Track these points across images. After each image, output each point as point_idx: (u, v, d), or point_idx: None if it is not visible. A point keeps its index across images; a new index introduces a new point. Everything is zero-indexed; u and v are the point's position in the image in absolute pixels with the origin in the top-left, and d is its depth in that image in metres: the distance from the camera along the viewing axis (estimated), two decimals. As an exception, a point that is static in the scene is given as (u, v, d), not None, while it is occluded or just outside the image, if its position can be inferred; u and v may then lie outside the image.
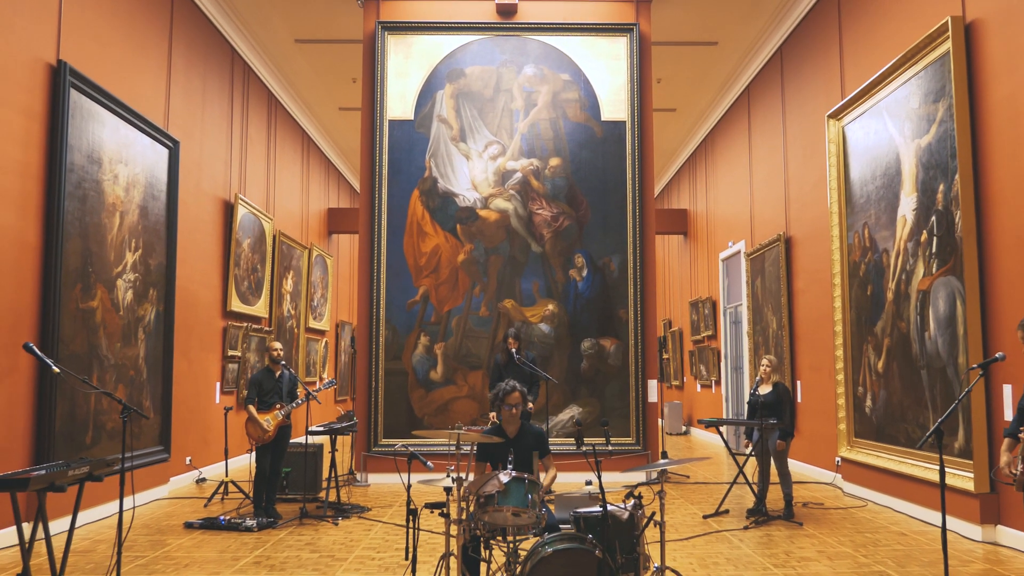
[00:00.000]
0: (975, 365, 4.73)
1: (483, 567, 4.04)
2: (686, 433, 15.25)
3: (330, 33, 10.68)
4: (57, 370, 3.67)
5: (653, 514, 3.84)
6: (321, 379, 14.88)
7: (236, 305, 10.27)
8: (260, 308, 11.22)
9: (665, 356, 17.34)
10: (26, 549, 3.30)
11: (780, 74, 10.07)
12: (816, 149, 8.81)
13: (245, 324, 10.59)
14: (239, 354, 10.39)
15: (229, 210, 10.19)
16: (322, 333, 14.91)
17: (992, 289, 5.69)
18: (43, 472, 3.16)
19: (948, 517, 6.05)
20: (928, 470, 6.27)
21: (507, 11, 9.46)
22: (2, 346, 5.78)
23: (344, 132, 14.69)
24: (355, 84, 12.08)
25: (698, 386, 14.48)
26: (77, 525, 3.44)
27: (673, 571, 4.04)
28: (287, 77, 12.11)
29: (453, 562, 3.94)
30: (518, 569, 3.67)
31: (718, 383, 12.97)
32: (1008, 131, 5.52)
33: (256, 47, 10.89)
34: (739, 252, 11.82)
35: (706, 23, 10.28)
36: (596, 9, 9.53)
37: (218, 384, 9.89)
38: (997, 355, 3.86)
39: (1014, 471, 3.62)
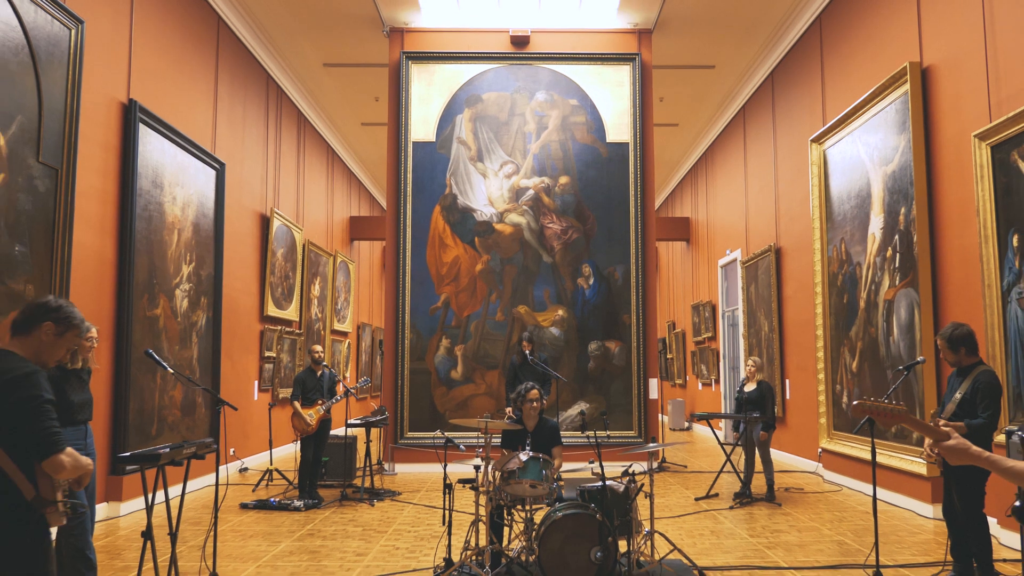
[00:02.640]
0: (900, 367, 5.58)
1: (506, 531, 4.94)
2: (688, 428, 16.12)
3: (355, 57, 11.59)
4: (172, 371, 4.58)
5: (642, 485, 4.73)
6: (344, 378, 15.83)
7: (271, 310, 11.21)
8: (292, 312, 12.16)
9: (669, 356, 18.21)
10: (149, 508, 4.20)
11: (771, 98, 10.93)
12: (802, 168, 9.67)
13: (279, 327, 11.53)
14: (274, 355, 11.33)
15: (265, 223, 11.13)
16: (345, 334, 15.85)
17: (943, 300, 6.55)
18: (167, 450, 4.07)
19: (905, 498, 6.94)
20: (892, 458, 7.13)
21: (520, 42, 10.36)
22: (88, 349, 6.69)
23: (366, 145, 15.64)
24: (377, 102, 13.02)
25: (699, 384, 15.34)
26: (153, 503, 4.27)
27: (660, 534, 4.92)
28: (315, 97, 13.04)
29: (482, 527, 4.85)
30: (535, 532, 4.57)
31: (717, 381, 13.84)
32: (955, 165, 6.38)
33: (288, 71, 11.83)
34: (735, 260, 12.69)
35: (704, 49, 11.13)
36: (602, 40, 10.42)
37: (256, 383, 10.82)
38: (919, 359, 4.73)
39: (933, 452, 4.47)
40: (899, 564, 5.10)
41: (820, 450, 8.96)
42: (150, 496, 4.20)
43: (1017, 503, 2.24)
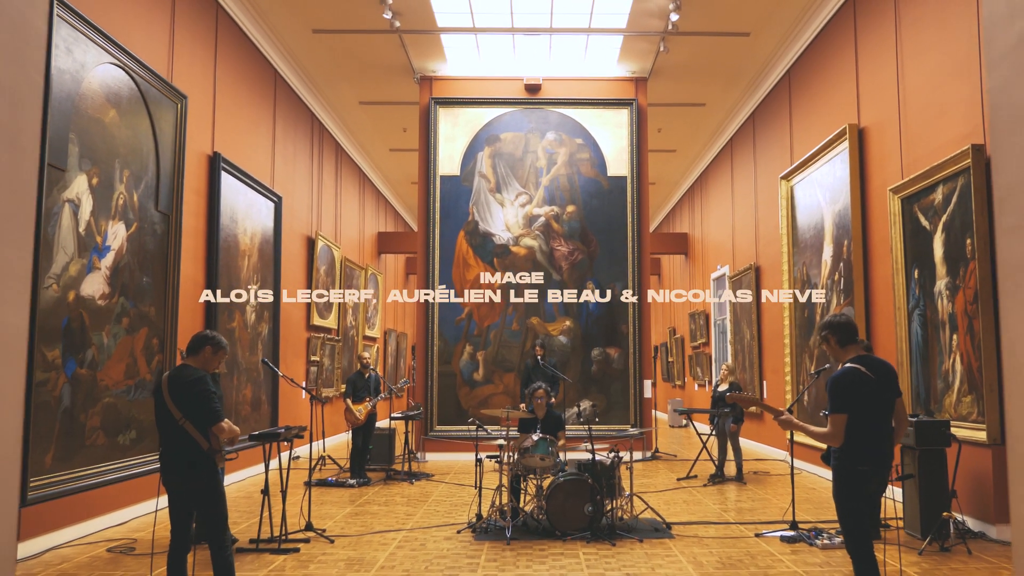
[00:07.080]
0: (812, 371, 7.16)
1: (521, 494, 6.57)
2: (686, 426, 17.68)
3: (387, 96, 13.26)
4: (281, 374, 6.24)
5: (623, 456, 6.35)
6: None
7: (316, 320, 12.90)
8: (331, 321, 13.84)
9: (670, 359, 19.79)
10: (267, 471, 5.86)
11: (753, 135, 12.51)
12: (776, 199, 11.23)
13: (321, 335, 13.21)
14: (318, 359, 13.01)
15: (311, 245, 12.82)
16: (374, 340, 17.54)
17: (872, 318, 8.12)
18: (282, 431, 5.74)
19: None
20: (838, 446, 8.69)
21: (533, 89, 12.01)
22: (187, 356, 8.37)
23: (393, 168, 17.35)
24: (405, 132, 14.70)
25: (695, 385, 16.92)
26: (268, 468, 5.94)
27: (639, 496, 6.54)
28: (351, 130, 14.74)
29: (504, 491, 6.48)
30: (543, 494, 6.20)
31: (710, 383, 15.41)
32: (880, 210, 7.95)
33: (329, 110, 13.52)
34: (724, 275, 14.26)
35: (695, 90, 12.72)
36: (603, 87, 12.04)
37: (304, 383, 12.49)
38: (826, 366, 6.31)
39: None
40: (817, 520, 6.70)
41: (789, 441, 10.51)
42: (269, 462, 5.87)
43: (823, 453, 3.80)
